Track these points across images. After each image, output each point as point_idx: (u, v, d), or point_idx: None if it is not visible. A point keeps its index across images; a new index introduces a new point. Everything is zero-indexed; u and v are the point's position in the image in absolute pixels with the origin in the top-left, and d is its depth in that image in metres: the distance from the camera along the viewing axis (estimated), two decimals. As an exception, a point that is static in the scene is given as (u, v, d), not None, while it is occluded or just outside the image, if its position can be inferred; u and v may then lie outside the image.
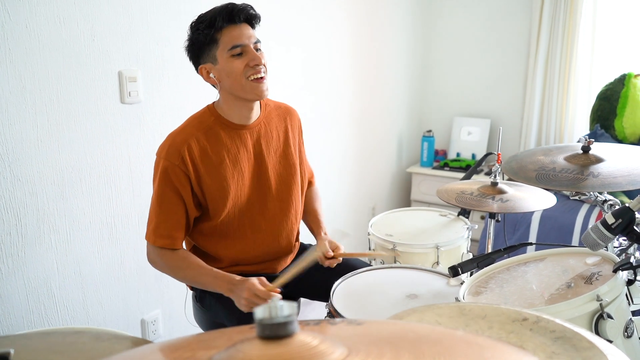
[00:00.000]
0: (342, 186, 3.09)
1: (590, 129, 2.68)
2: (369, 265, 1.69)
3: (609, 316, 0.96)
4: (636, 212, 1.02)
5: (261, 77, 1.37)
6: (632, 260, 1.00)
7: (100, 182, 1.76)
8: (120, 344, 0.81)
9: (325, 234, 1.64)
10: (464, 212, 1.93)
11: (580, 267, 1.13)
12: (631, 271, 1.02)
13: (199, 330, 1.73)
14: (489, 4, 3.52)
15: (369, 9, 3.06)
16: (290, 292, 1.66)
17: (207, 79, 1.42)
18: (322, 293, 1.66)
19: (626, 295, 1.05)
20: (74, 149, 1.67)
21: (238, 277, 1.37)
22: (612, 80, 2.69)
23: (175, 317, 2.10)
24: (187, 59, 1.45)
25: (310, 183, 1.75)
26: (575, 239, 2.38)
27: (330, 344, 0.52)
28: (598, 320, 0.96)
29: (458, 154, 3.69)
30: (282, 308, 0.51)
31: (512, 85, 3.54)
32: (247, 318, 1.39)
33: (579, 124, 3.24)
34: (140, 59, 1.82)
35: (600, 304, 0.96)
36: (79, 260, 1.73)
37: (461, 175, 3.42)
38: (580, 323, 0.97)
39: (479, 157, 3.62)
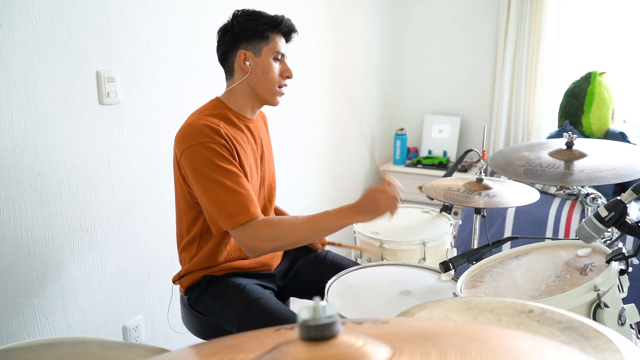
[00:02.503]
0: (318, 187, 3.10)
1: (559, 125, 2.77)
2: (357, 264, 1.70)
3: (606, 305, 1.00)
4: (627, 205, 1.06)
5: (284, 89, 1.49)
6: (624, 251, 1.04)
7: (79, 186, 1.70)
8: (133, 353, 0.78)
9: None
10: (447, 209, 1.96)
11: (572, 258, 1.17)
12: (623, 261, 1.06)
13: (185, 336, 1.70)
14: (457, 4, 3.59)
15: (340, 10, 3.07)
16: (281, 291, 1.66)
17: (241, 63, 1.43)
18: (312, 292, 1.66)
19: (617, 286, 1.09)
20: (52, 152, 1.61)
21: (354, 202, 1.34)
22: (577, 78, 2.79)
23: (157, 323, 2.05)
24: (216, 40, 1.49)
25: None
26: (549, 232, 2.46)
27: (373, 344, 0.52)
28: (596, 310, 0.99)
29: (430, 152, 3.75)
30: (325, 308, 0.51)
31: (480, 84, 3.63)
32: (247, 321, 1.38)
33: (546, 121, 3.35)
34: (119, 59, 1.77)
35: (598, 294, 0.99)
36: (59, 267, 1.67)
37: (434, 172, 3.49)
38: (579, 313, 0.99)
39: (450, 154, 3.70)
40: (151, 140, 1.92)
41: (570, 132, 1.41)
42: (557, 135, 2.65)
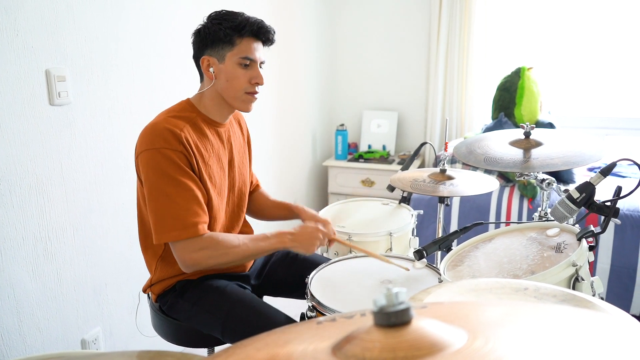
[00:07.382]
0: (266, 186, 3.07)
1: (494, 118, 2.96)
2: (328, 259, 1.72)
3: (582, 279, 1.09)
4: (595, 186, 1.17)
5: (255, 95, 1.40)
6: (592, 228, 1.15)
7: (31, 193, 1.58)
8: (157, 361, 0.75)
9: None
10: (405, 200, 2.03)
11: (544, 238, 1.27)
12: (591, 238, 1.17)
13: (145, 344, 1.63)
14: (391, 3, 3.71)
15: (277, 8, 3.07)
16: (255, 291, 1.64)
17: (205, 70, 1.38)
18: (287, 289, 1.67)
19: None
20: (1, 158, 1.48)
21: (292, 229, 1.40)
22: (507, 73, 2.98)
23: (116, 334, 1.95)
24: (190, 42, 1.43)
25: (257, 186, 1.81)
26: (492, 217, 2.62)
27: (447, 328, 0.53)
28: (575, 283, 1.09)
29: (369, 146, 3.85)
30: (398, 295, 0.52)
31: (416, 80, 3.77)
32: (233, 323, 1.35)
33: (477, 114, 3.56)
34: (69, 57, 1.66)
35: (576, 269, 1.08)
36: (13, 282, 1.55)
37: (376, 165, 3.59)
38: (562, 287, 1.08)
39: (389, 147, 3.82)
40: (104, 142, 1.83)
41: (528, 124, 1.51)
42: (494, 127, 2.82)
